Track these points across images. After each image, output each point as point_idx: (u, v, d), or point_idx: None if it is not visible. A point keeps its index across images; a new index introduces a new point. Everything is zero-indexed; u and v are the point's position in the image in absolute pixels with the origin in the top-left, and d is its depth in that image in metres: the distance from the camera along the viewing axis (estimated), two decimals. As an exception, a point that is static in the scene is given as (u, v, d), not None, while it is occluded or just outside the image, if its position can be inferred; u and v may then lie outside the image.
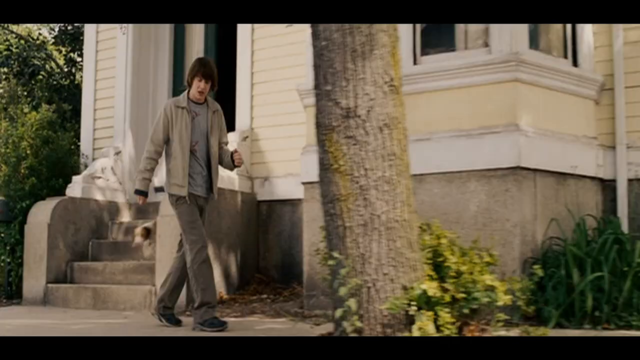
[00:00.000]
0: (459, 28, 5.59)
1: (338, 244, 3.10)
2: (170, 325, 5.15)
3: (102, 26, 8.41)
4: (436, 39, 5.71)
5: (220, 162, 5.23)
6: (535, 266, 3.76)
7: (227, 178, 6.87)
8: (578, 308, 4.43)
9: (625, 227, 5.47)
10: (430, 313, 2.94)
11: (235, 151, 5.17)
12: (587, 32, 5.76)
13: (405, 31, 5.56)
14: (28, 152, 7.32)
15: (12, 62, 8.79)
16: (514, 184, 5.05)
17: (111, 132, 8.17)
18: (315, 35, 3.10)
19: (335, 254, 3.08)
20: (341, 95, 3.02)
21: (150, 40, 8.40)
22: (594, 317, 4.42)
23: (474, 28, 5.49)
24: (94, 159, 8.00)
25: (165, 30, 8.47)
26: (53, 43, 9.49)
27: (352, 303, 2.98)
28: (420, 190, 5.40)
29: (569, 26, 5.72)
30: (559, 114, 5.45)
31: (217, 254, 6.54)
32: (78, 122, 8.30)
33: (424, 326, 2.87)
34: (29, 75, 8.85)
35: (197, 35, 8.45)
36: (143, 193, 5.11)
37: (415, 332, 2.87)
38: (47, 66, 9.25)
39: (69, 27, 9.22)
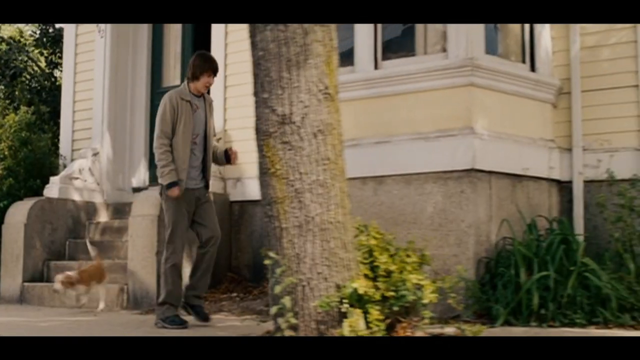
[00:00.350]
0: (419, 33, 5.75)
1: (275, 245, 3.25)
2: (198, 320, 5.19)
3: (81, 28, 8.54)
4: (397, 44, 5.87)
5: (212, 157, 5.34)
6: (459, 266, 3.90)
7: (199, 179, 7.02)
8: (525, 306, 4.59)
9: (580, 228, 5.63)
10: (361, 311, 3.09)
11: (231, 149, 5.33)
12: (545, 37, 5.92)
13: (367, 37, 5.73)
14: (6, 153, 7.46)
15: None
16: (469, 186, 5.20)
17: (89, 133, 8.30)
18: (253, 46, 3.24)
19: (272, 254, 3.23)
20: (277, 102, 3.18)
21: (129, 42, 8.52)
22: (540, 315, 4.57)
23: (433, 33, 5.64)
24: (72, 160, 8.14)
25: (143, 33, 8.60)
26: (34, 45, 9.64)
27: (287, 301, 3.14)
28: (380, 191, 5.57)
29: (527, 31, 5.87)
30: (516, 118, 5.60)
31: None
32: (58, 123, 8.44)
33: (354, 323, 3.02)
34: (10, 77, 9.00)
35: (174, 37, 8.58)
36: (177, 183, 4.98)
37: (346, 329, 3.03)
38: (28, 68, 9.41)
39: (50, 30, 9.38)
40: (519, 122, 5.60)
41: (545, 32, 5.91)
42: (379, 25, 5.73)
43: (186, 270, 5.51)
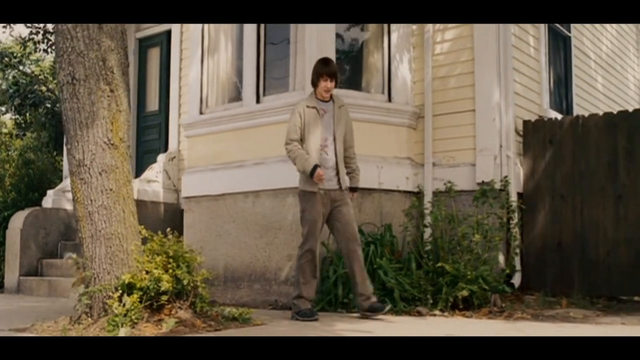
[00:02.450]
0: (292, 73, 6.95)
1: (81, 249, 4.65)
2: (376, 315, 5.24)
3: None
4: (276, 82, 7.09)
5: (346, 165, 5.45)
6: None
7: (151, 192, 8.56)
8: (333, 296, 5.75)
9: (427, 233, 6.64)
10: (134, 296, 4.43)
11: (352, 193, 5.46)
12: (404, 69, 6.97)
13: (251, 76, 6.99)
14: (11, 172, 9.29)
15: (16, 97, 10.88)
16: (316, 199, 6.37)
17: (84, 153, 10.00)
18: (62, 110, 4.64)
19: (74, 257, 4.64)
20: (75, 151, 4.57)
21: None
22: (345, 303, 5.72)
23: (301, 72, 6.82)
24: (66, 177, 9.88)
25: (129, 59, 10.17)
26: (52, 74, 11.47)
27: (81, 288, 4.54)
28: (257, 203, 6.85)
29: (386, 66, 6.94)
30: (371, 141, 6.67)
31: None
32: (60, 145, 10.21)
33: (121, 304, 4.37)
34: (29, 106, 10.91)
35: (154, 58, 10.01)
36: (317, 166, 5.18)
37: (117, 308, 4.38)
38: (48, 98, 11.31)
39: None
40: (374, 144, 6.67)
41: (404, 66, 6.97)
42: (262, 65, 6.98)
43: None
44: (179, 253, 4.76)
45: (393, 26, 6.95)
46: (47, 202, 9.26)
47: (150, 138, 9.99)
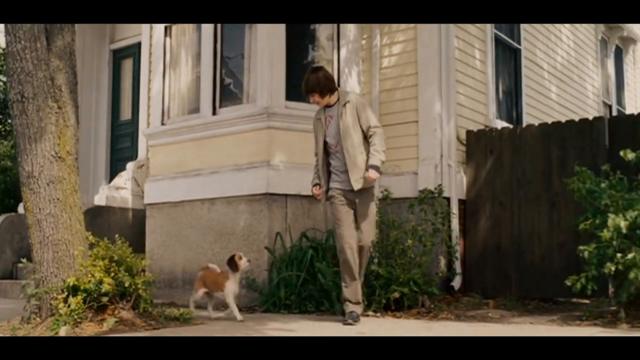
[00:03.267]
0: (245, 86, 7.32)
1: (32, 254, 5.02)
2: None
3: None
4: (231, 94, 7.46)
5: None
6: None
7: (120, 199, 8.93)
8: (277, 298, 6.11)
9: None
10: (78, 297, 4.80)
11: (367, 171, 5.21)
12: (353, 82, 7.34)
13: (208, 89, 7.36)
14: (-13, 179, 9.65)
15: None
16: (266, 206, 6.75)
17: (59, 160, 10.36)
18: (13, 125, 5.01)
19: (24, 261, 5.00)
20: (25, 164, 4.93)
21: (93, 83, 10.49)
22: (287, 305, 6.08)
23: (253, 86, 7.19)
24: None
25: (104, 75, 10.55)
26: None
27: (31, 290, 4.90)
28: (212, 210, 7.21)
29: (335, 79, 7.29)
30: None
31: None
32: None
33: (66, 305, 4.73)
34: (7, 115, 11.25)
35: (128, 69, 10.41)
36: (316, 184, 5.52)
37: (62, 308, 4.74)
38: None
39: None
40: (317, 153, 7.03)
41: (352, 79, 7.34)
42: (218, 79, 7.35)
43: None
44: (123, 257, 5.12)
45: (342, 41, 7.33)
46: (22, 208, 9.59)
47: (123, 146, 10.37)
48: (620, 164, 5.36)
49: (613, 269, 4.63)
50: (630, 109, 12.56)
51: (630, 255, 4.53)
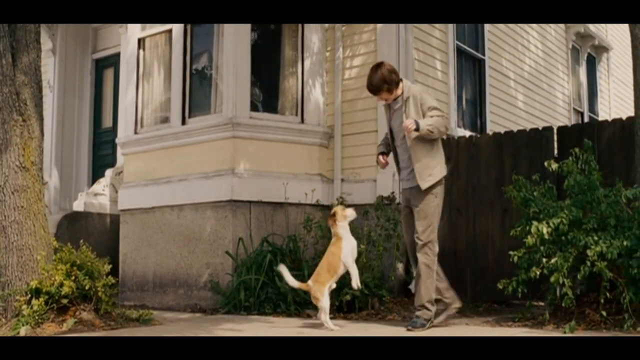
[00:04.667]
0: (213, 97, 7.63)
1: (-3, 259, 5.33)
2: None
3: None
4: (200, 105, 7.76)
5: None
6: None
7: (98, 204, 9.23)
8: (238, 301, 6.41)
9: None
10: (40, 299, 5.10)
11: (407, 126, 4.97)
12: (317, 93, 7.65)
13: (178, 99, 7.67)
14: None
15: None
16: (231, 212, 7.05)
17: (42, 167, 10.67)
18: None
19: (-10, 266, 5.32)
20: (-9, 173, 5.27)
21: (75, 93, 10.80)
22: (247, 307, 6.37)
23: (220, 97, 7.49)
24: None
25: (87, 84, 10.86)
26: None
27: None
28: (181, 216, 7.51)
29: (300, 90, 7.62)
30: (280, 159, 7.34)
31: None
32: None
33: (29, 306, 5.04)
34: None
35: (109, 78, 10.72)
36: (380, 154, 5.46)
37: (25, 310, 5.04)
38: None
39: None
40: (283, 162, 7.35)
41: (316, 90, 7.65)
42: (187, 89, 7.66)
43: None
44: (85, 261, 5.42)
45: (307, 53, 7.64)
46: (5, 213, 9.91)
47: (105, 153, 10.68)
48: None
49: (538, 273, 4.93)
50: (603, 115, 12.83)
51: (553, 260, 4.82)
